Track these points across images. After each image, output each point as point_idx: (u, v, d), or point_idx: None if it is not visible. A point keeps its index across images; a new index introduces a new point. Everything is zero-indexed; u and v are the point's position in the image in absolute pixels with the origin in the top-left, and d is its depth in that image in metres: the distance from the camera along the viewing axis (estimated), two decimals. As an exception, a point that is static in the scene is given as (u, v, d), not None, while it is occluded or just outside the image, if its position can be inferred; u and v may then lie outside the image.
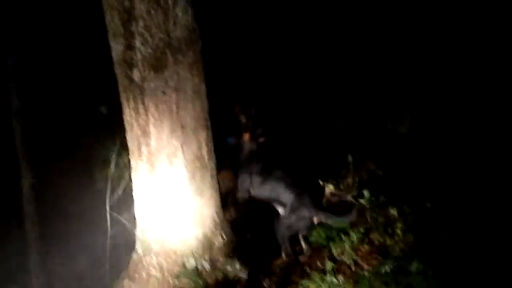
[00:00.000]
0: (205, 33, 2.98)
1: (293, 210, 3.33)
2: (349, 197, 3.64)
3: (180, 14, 2.72)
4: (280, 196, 3.37)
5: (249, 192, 3.51)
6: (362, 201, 3.64)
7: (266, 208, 3.71)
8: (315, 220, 3.39)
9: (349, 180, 3.81)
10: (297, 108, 5.00)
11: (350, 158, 3.95)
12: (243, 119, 3.52)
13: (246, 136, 3.51)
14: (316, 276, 2.92)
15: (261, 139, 3.55)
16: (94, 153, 4.74)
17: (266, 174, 3.43)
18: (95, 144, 4.74)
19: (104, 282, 3.91)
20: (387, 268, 2.58)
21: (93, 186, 4.76)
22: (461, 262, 2.52)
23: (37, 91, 4.51)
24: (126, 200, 3.69)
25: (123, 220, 3.92)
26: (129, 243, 3.30)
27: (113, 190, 4.15)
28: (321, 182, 3.72)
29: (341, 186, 3.70)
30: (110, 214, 4.03)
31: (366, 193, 3.53)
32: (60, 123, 4.72)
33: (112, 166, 4.10)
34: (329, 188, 3.73)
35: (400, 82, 4.93)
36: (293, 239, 3.46)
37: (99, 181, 4.50)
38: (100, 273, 4.20)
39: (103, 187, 4.21)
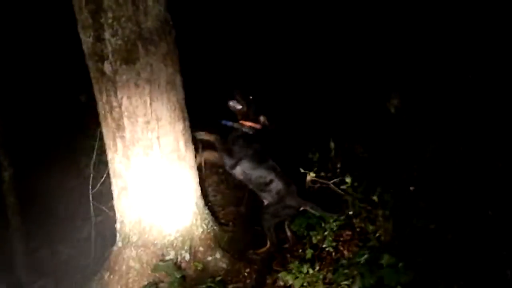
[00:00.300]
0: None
1: (279, 198, 3.34)
2: (331, 185, 3.65)
3: (151, 4, 2.65)
4: (269, 184, 3.35)
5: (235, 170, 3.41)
6: (344, 187, 3.68)
7: (251, 196, 3.74)
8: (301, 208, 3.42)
9: (331, 166, 3.82)
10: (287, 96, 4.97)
11: (332, 144, 3.95)
12: (242, 107, 3.39)
13: (245, 123, 3.41)
14: (294, 266, 2.94)
15: (271, 125, 3.48)
16: (78, 141, 4.71)
17: (258, 160, 3.36)
18: (78, 132, 4.70)
19: (89, 271, 3.93)
20: (362, 259, 2.58)
21: (78, 174, 4.73)
22: (437, 254, 2.53)
23: (16, 80, 4.42)
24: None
25: (106, 210, 3.91)
26: (115, 233, 3.31)
27: (97, 179, 4.13)
28: (302, 170, 3.72)
29: (322, 173, 3.69)
30: (94, 203, 4.02)
31: (348, 179, 3.55)
32: (42, 112, 4.64)
33: (94, 154, 4.06)
34: (310, 176, 3.73)
35: (391, 63, 4.89)
36: (279, 228, 3.49)
37: (84, 169, 4.47)
38: (85, 262, 4.21)
39: (88, 176, 4.18)
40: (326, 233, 3.30)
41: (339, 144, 4.04)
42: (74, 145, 4.79)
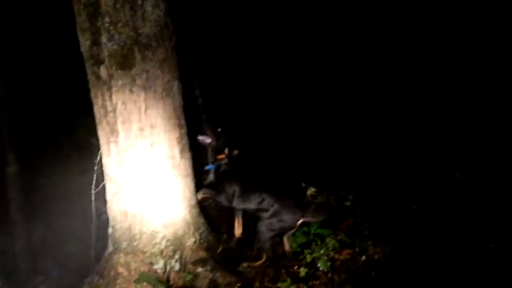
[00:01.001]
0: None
1: (273, 213, 3.28)
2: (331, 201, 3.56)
3: (149, 9, 2.61)
4: (263, 205, 3.31)
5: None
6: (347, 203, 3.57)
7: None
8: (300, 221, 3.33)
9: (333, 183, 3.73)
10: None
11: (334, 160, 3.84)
12: (212, 141, 3.38)
13: (221, 157, 3.41)
14: (284, 286, 2.84)
15: (234, 153, 3.44)
16: (82, 139, 4.72)
17: (247, 188, 3.36)
18: (82, 130, 4.72)
19: (89, 270, 3.93)
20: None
21: (82, 172, 4.75)
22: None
23: (21, 78, 4.47)
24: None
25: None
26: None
27: (101, 177, 4.14)
28: (303, 184, 3.64)
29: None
30: (96, 203, 4.02)
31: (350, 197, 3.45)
32: (47, 109, 4.68)
33: (99, 152, 4.06)
34: (311, 191, 3.64)
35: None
36: (280, 242, 3.41)
37: (88, 168, 4.49)
38: (86, 261, 4.22)
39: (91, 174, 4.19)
40: (321, 251, 3.20)
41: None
42: (80, 143, 4.82)
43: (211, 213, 3.90)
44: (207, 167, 3.47)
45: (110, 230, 3.12)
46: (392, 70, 4.76)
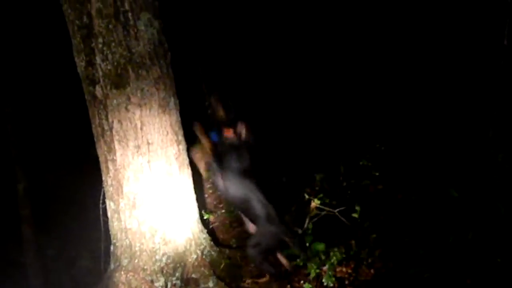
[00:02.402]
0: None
1: (262, 227, 3.10)
2: (336, 213, 3.46)
3: (142, 28, 2.63)
4: (252, 206, 3.09)
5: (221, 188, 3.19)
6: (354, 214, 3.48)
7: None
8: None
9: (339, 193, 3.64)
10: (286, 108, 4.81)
11: (342, 169, 3.76)
12: (220, 111, 3.09)
13: (227, 131, 3.11)
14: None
15: (244, 135, 3.13)
16: (93, 153, 4.78)
17: (240, 175, 3.10)
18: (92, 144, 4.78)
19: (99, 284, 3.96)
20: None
21: (93, 187, 4.81)
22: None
23: (29, 94, 4.57)
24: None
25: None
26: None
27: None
28: (306, 196, 3.57)
29: (327, 200, 3.51)
30: (105, 217, 4.06)
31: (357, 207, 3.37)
32: (54, 126, 4.78)
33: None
34: (315, 203, 3.56)
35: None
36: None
37: (96, 183, 4.55)
38: (98, 276, 4.26)
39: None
40: (325, 267, 3.13)
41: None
42: (91, 157, 4.88)
43: (214, 228, 3.89)
44: (211, 134, 3.16)
45: (111, 248, 3.13)
46: (398, 78, 4.68)
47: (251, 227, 3.25)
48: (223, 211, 4.20)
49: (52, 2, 2.84)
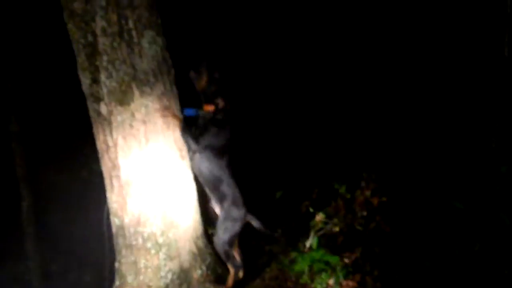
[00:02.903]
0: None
1: (227, 207, 3.01)
2: (337, 228, 3.44)
3: (146, 45, 2.66)
4: (222, 186, 3.00)
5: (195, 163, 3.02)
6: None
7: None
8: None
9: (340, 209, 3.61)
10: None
11: (343, 189, 3.69)
12: (203, 81, 2.93)
13: (207, 106, 2.97)
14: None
15: (225, 106, 2.94)
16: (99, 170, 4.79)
17: (219, 152, 2.96)
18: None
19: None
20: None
21: (98, 204, 4.81)
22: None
23: (34, 113, 4.62)
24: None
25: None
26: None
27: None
28: (311, 209, 3.56)
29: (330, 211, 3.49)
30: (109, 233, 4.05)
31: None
32: (59, 144, 4.81)
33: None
34: (320, 216, 3.55)
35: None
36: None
37: (100, 199, 4.55)
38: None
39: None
40: (332, 281, 3.11)
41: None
42: (97, 174, 4.90)
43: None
44: (185, 110, 2.98)
45: (116, 264, 3.12)
46: (402, 89, 4.70)
47: (215, 208, 3.17)
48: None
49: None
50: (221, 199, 3.04)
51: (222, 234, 3.00)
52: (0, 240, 4.55)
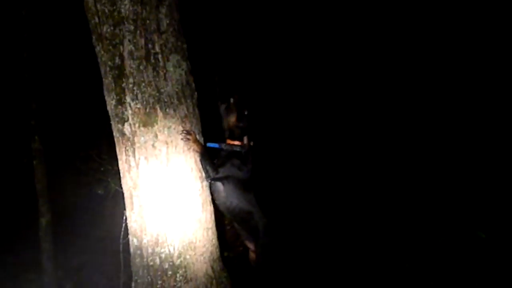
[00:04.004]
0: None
1: (261, 240, 3.05)
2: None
3: (171, 69, 2.74)
4: (253, 219, 3.05)
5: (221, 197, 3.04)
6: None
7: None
8: None
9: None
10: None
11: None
12: (232, 117, 2.99)
13: (233, 142, 3.03)
14: None
15: (250, 144, 3.02)
16: (113, 187, 4.84)
17: (244, 186, 2.98)
18: (116, 179, 4.85)
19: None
20: None
21: (115, 223, 4.84)
22: None
23: (54, 128, 4.71)
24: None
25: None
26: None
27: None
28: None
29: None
30: (124, 254, 4.05)
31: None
32: (77, 162, 4.88)
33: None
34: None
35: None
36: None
37: (117, 214, 4.58)
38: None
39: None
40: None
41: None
42: (114, 193, 4.95)
43: (235, 266, 3.84)
44: (208, 144, 2.99)
45: (133, 285, 3.11)
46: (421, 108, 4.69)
47: (248, 240, 3.22)
48: (241, 248, 4.18)
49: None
50: (253, 233, 3.09)
51: (264, 272, 3.06)
52: (16, 255, 4.59)
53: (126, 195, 2.95)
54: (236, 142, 3.04)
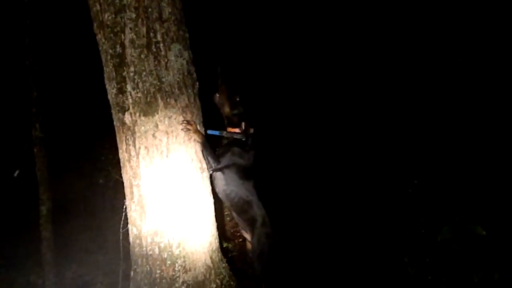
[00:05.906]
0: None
1: (257, 229, 3.04)
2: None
3: (173, 58, 2.71)
4: (251, 209, 3.05)
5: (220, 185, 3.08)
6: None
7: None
8: None
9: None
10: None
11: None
12: (226, 107, 3.04)
13: (233, 130, 3.07)
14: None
15: (249, 131, 3.04)
16: (117, 178, 4.84)
17: (244, 175, 3.00)
18: (116, 169, 4.86)
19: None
20: None
21: (115, 212, 4.86)
22: None
23: (54, 120, 4.70)
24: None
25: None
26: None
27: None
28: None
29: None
30: (124, 242, 4.05)
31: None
32: (80, 151, 4.88)
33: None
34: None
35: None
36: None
37: (117, 203, 4.58)
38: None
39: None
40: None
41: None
42: (115, 182, 4.95)
43: (234, 257, 3.86)
44: (209, 131, 3.01)
45: (132, 273, 3.12)
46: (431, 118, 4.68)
47: (244, 234, 3.23)
48: (241, 239, 4.19)
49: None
50: (251, 223, 3.08)
51: (258, 263, 3.05)
52: (16, 244, 4.60)
53: (126, 184, 2.94)
54: (236, 130, 3.08)
